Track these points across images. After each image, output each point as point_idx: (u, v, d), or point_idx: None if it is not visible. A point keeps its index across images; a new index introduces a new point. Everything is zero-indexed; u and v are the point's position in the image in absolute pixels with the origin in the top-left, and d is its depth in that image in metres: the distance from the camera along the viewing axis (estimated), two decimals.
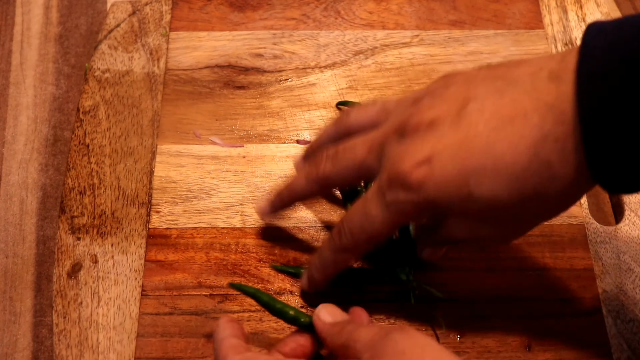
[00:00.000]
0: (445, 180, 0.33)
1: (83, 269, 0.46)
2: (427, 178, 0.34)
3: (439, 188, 0.34)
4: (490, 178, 0.33)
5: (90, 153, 0.50)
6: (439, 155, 0.34)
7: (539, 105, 0.32)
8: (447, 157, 0.33)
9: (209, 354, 0.43)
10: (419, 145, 0.35)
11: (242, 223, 0.48)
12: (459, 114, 0.34)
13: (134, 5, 0.57)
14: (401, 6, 0.59)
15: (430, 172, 0.34)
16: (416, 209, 0.35)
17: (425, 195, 0.34)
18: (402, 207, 0.36)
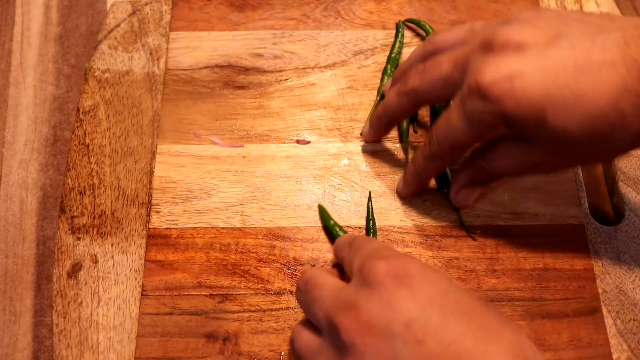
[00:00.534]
0: (524, 99, 0.35)
1: (83, 269, 0.46)
2: (507, 93, 0.36)
3: (517, 105, 0.36)
4: (567, 111, 0.35)
5: (90, 153, 0.50)
6: (523, 75, 0.35)
7: (626, 59, 0.34)
8: (530, 79, 0.35)
9: (209, 354, 0.43)
10: (503, 62, 0.36)
11: (242, 223, 0.48)
12: (548, 44, 0.36)
13: (134, 5, 0.57)
14: (401, 6, 0.58)
15: (510, 88, 0.35)
16: (493, 119, 0.37)
17: (502, 108, 0.36)
18: (479, 117, 0.38)
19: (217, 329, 0.44)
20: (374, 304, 0.32)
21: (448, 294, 0.32)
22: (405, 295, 0.31)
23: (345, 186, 0.49)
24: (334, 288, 0.35)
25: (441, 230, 0.48)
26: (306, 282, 0.37)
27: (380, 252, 0.35)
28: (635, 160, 0.50)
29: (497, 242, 0.47)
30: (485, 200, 0.49)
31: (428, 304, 0.31)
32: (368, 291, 0.32)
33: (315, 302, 0.35)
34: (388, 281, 0.32)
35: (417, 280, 0.32)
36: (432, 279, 0.32)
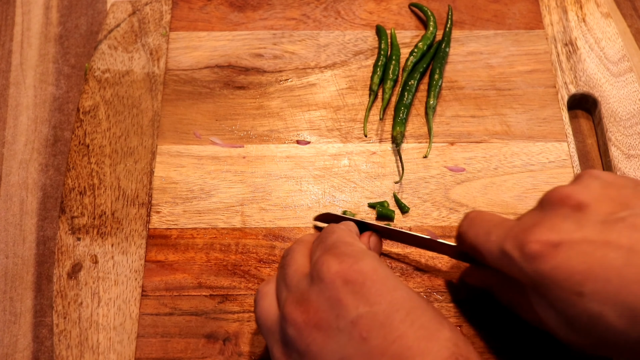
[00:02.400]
0: (564, 270, 0.32)
1: (83, 269, 0.46)
2: (546, 259, 0.33)
3: (552, 273, 0.33)
4: (607, 296, 0.31)
5: (90, 153, 0.50)
6: (571, 246, 0.32)
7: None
8: (579, 252, 0.32)
9: (209, 355, 0.43)
10: (556, 224, 0.34)
11: (242, 223, 0.48)
12: (609, 214, 0.33)
13: (134, 5, 0.57)
14: (401, 6, 0.58)
15: (552, 255, 0.33)
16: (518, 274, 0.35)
17: (533, 269, 0.33)
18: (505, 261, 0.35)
19: (217, 330, 0.44)
20: (323, 301, 0.33)
21: (395, 291, 0.33)
22: (353, 292, 0.32)
23: (345, 186, 0.49)
24: (299, 272, 0.36)
25: (441, 231, 0.48)
26: (285, 256, 0.38)
27: (336, 247, 0.35)
28: (635, 161, 0.50)
29: None
30: (485, 200, 0.49)
31: (375, 301, 0.32)
32: (319, 287, 0.33)
33: (283, 281, 0.36)
34: (338, 279, 0.33)
35: (367, 277, 0.33)
36: (381, 277, 0.33)
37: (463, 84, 0.54)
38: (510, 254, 0.34)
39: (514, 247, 0.34)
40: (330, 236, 0.38)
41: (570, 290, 0.32)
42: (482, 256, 0.38)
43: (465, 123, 0.52)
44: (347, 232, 0.39)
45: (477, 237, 0.38)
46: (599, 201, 0.34)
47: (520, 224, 0.36)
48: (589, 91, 0.54)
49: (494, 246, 0.36)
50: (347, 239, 0.37)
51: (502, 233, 0.36)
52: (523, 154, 0.51)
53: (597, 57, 0.55)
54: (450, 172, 0.50)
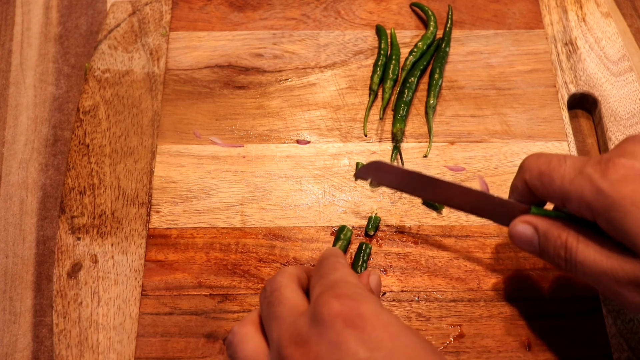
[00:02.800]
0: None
1: (83, 269, 0.46)
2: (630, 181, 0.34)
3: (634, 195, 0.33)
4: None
5: (90, 153, 0.50)
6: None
7: None
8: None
9: (209, 354, 0.43)
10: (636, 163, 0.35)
11: (242, 223, 0.48)
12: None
13: (134, 5, 0.57)
14: (401, 6, 0.59)
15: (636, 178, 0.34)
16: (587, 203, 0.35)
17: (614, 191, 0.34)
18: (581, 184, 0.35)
19: (217, 329, 0.44)
20: (323, 344, 0.32)
21: (398, 338, 0.32)
22: (354, 337, 0.31)
23: (345, 186, 0.49)
24: (294, 311, 0.35)
25: (441, 230, 0.48)
26: (272, 292, 0.36)
27: (338, 287, 0.34)
28: None
29: (497, 242, 0.47)
30: None
31: (376, 347, 0.31)
32: (319, 329, 0.32)
33: (274, 320, 0.35)
34: (338, 322, 0.32)
35: (368, 322, 0.32)
36: (384, 322, 0.32)
37: (463, 83, 0.54)
38: (592, 175, 0.35)
39: (597, 169, 0.35)
40: (332, 273, 0.36)
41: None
42: (552, 182, 0.37)
43: (465, 122, 0.52)
44: (348, 270, 0.37)
45: (549, 163, 0.38)
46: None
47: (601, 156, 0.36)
48: (589, 91, 0.54)
49: (569, 169, 0.36)
50: (350, 279, 0.36)
51: (580, 160, 0.37)
52: (523, 153, 0.51)
53: (597, 56, 0.55)
54: (451, 172, 0.50)
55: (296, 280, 0.37)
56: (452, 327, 0.44)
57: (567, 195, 0.37)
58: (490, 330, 0.44)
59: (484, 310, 0.45)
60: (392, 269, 0.46)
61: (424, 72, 0.55)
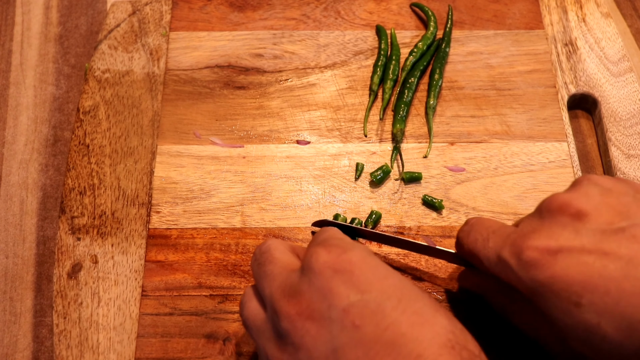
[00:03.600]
0: (562, 279, 0.32)
1: (83, 269, 0.46)
2: (543, 268, 0.33)
3: (550, 282, 0.32)
4: (606, 307, 0.31)
5: (90, 153, 0.50)
6: (569, 255, 0.32)
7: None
8: (577, 261, 0.32)
9: (209, 355, 0.43)
10: (555, 232, 0.33)
11: (242, 223, 0.48)
12: (609, 224, 0.33)
13: (134, 5, 0.57)
14: (401, 6, 0.59)
15: (550, 264, 0.32)
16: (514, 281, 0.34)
17: (530, 277, 0.33)
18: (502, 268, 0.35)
19: (217, 330, 0.44)
20: (314, 291, 0.32)
21: (386, 279, 0.33)
22: (344, 281, 0.32)
23: (345, 186, 0.49)
24: (285, 268, 0.36)
25: (441, 231, 0.48)
26: (262, 253, 0.37)
27: (327, 241, 0.35)
28: (635, 161, 0.50)
29: None
30: (485, 200, 0.49)
31: (366, 289, 0.32)
32: (309, 278, 0.33)
33: (265, 278, 0.36)
34: (327, 268, 0.33)
35: (356, 266, 0.33)
36: (371, 266, 0.33)
37: (463, 84, 0.54)
38: (508, 260, 0.34)
39: (512, 254, 0.34)
40: (322, 234, 0.38)
41: (567, 300, 0.32)
42: (480, 262, 0.38)
43: (465, 123, 0.52)
44: (339, 231, 0.38)
45: (475, 243, 0.38)
46: (598, 210, 0.34)
47: (518, 230, 0.35)
48: (589, 91, 0.54)
49: (491, 252, 0.36)
50: (338, 235, 0.37)
51: (500, 240, 0.36)
52: (523, 154, 0.51)
53: (597, 57, 0.55)
54: (450, 172, 0.50)
55: (287, 246, 0.39)
56: None
57: (495, 274, 0.37)
58: (489, 331, 0.44)
59: (484, 310, 0.44)
60: None
61: (424, 73, 0.55)
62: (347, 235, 0.40)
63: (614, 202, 0.34)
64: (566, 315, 0.32)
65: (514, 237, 0.35)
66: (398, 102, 0.52)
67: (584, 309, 0.31)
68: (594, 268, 0.31)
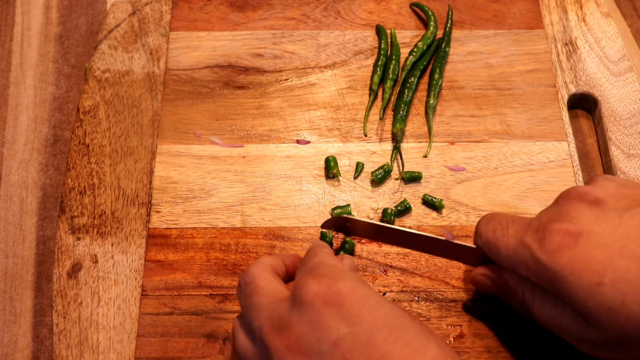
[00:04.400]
0: (584, 260, 0.33)
1: (83, 269, 0.46)
2: (565, 250, 0.33)
3: (572, 263, 0.33)
4: (629, 284, 0.32)
5: (90, 153, 0.50)
6: (591, 235, 0.33)
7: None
8: (598, 243, 0.33)
9: (209, 354, 0.43)
10: (575, 216, 0.34)
11: (242, 223, 0.48)
12: (627, 208, 0.34)
13: (134, 5, 0.57)
14: (401, 6, 0.59)
15: (572, 246, 0.33)
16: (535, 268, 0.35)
17: (553, 260, 0.34)
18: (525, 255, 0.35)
19: (217, 329, 0.44)
20: (303, 324, 0.32)
21: (377, 310, 0.32)
22: (334, 314, 0.32)
23: (345, 186, 0.49)
24: (272, 298, 0.35)
25: (441, 231, 0.48)
26: (247, 284, 0.37)
27: (316, 269, 0.35)
28: (635, 161, 0.50)
29: None
30: (485, 200, 0.49)
31: (356, 322, 0.32)
32: (299, 311, 0.33)
33: (252, 310, 0.35)
34: (317, 301, 0.32)
35: (347, 298, 0.32)
36: (361, 296, 0.33)
37: (463, 83, 0.54)
38: (530, 246, 0.35)
39: (534, 239, 0.35)
40: (312, 259, 0.37)
41: (589, 280, 0.32)
42: (498, 251, 0.38)
43: (465, 123, 0.52)
44: (329, 255, 0.38)
45: (494, 231, 0.38)
46: (615, 198, 0.35)
47: (539, 218, 0.36)
48: (589, 91, 0.54)
49: (512, 239, 0.37)
50: (328, 261, 0.37)
51: (521, 227, 0.37)
52: (523, 153, 0.51)
53: (597, 56, 0.55)
54: (451, 172, 0.50)
55: (270, 270, 0.38)
56: (452, 327, 0.44)
57: (513, 264, 0.37)
58: (490, 330, 0.44)
59: (484, 310, 0.44)
60: (392, 269, 0.46)
61: (424, 72, 0.55)
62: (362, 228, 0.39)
63: (630, 193, 0.35)
64: (589, 297, 0.32)
65: (536, 224, 0.36)
66: (398, 101, 0.52)
67: (606, 288, 0.32)
68: (614, 248, 0.32)
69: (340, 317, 0.32)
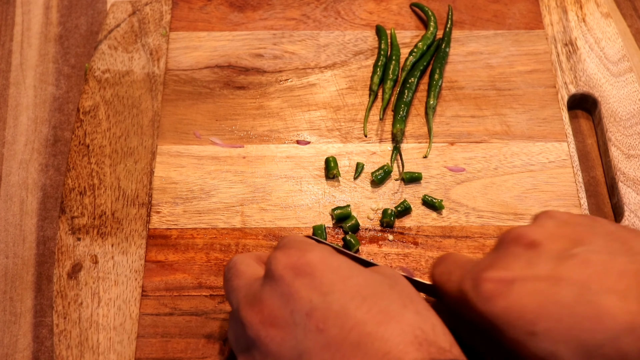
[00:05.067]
0: (516, 309, 0.32)
1: (83, 269, 0.46)
2: (498, 298, 0.33)
3: (505, 312, 0.32)
4: (560, 335, 0.31)
5: (90, 153, 0.50)
6: (523, 284, 0.32)
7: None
8: (531, 290, 0.32)
9: (209, 354, 0.43)
10: (509, 262, 0.34)
11: (242, 224, 0.48)
12: (562, 251, 0.33)
13: (134, 5, 0.57)
14: (401, 6, 0.59)
15: (505, 294, 0.32)
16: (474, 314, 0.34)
17: (487, 309, 0.33)
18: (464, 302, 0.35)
19: (217, 330, 0.44)
20: (276, 297, 0.32)
21: (349, 279, 0.32)
22: (305, 285, 0.32)
23: (345, 187, 0.49)
24: (250, 279, 0.35)
25: (441, 231, 0.48)
26: (229, 269, 0.37)
27: (288, 244, 0.35)
28: (635, 161, 0.50)
29: None
30: (485, 200, 0.49)
31: (328, 291, 0.32)
32: (270, 284, 0.33)
33: (232, 292, 0.36)
34: (287, 273, 0.32)
35: (317, 268, 0.32)
36: (333, 266, 0.33)
37: (463, 84, 0.54)
38: (467, 293, 0.34)
39: (470, 286, 0.34)
40: (283, 239, 0.37)
41: (523, 329, 0.32)
42: (444, 295, 0.38)
43: (465, 123, 0.52)
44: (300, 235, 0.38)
45: (441, 276, 0.38)
46: (551, 239, 0.34)
47: (478, 264, 0.35)
48: (589, 91, 0.54)
49: (454, 285, 0.36)
50: (299, 238, 0.37)
51: (461, 273, 0.36)
52: (523, 154, 0.51)
53: (597, 57, 0.55)
54: (450, 172, 0.50)
55: (253, 257, 0.38)
56: None
57: (456, 308, 0.36)
58: None
59: None
60: None
61: (424, 73, 0.55)
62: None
63: (569, 232, 0.34)
64: (523, 346, 0.32)
65: (474, 270, 0.35)
66: (398, 102, 0.52)
67: (539, 338, 0.31)
68: (547, 295, 0.32)
69: (311, 287, 0.32)
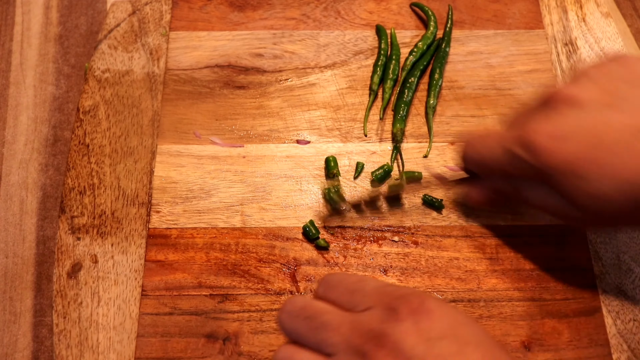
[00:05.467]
0: (571, 160, 0.37)
1: (83, 269, 0.46)
2: (555, 152, 0.37)
3: (561, 164, 0.37)
4: (611, 176, 0.36)
5: (90, 153, 0.50)
6: (575, 135, 0.37)
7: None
8: (579, 140, 0.36)
9: (209, 354, 0.43)
10: (558, 119, 0.38)
11: (242, 223, 0.48)
12: (606, 105, 0.37)
13: (134, 5, 0.57)
14: (401, 6, 0.59)
15: (560, 148, 0.37)
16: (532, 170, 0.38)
17: (544, 164, 0.37)
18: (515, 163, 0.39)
19: (217, 329, 0.44)
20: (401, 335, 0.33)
21: (463, 326, 0.34)
22: (427, 327, 0.33)
23: (345, 186, 0.49)
24: (344, 315, 0.35)
25: (441, 231, 0.48)
26: (304, 308, 0.36)
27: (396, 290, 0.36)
28: None
29: (497, 242, 0.47)
30: None
31: (448, 334, 0.33)
32: (394, 323, 0.34)
33: (327, 327, 0.35)
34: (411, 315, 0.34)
35: (436, 313, 0.34)
36: (448, 313, 0.34)
37: (463, 83, 0.54)
38: (519, 155, 0.38)
39: (522, 148, 0.38)
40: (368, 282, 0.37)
41: (573, 174, 0.37)
42: (489, 167, 0.42)
43: (465, 123, 0.52)
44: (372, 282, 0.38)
45: (481, 152, 0.42)
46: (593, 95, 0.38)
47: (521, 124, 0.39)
48: None
49: (499, 153, 0.40)
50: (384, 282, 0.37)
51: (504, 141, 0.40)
52: None
53: (597, 57, 0.55)
54: (451, 172, 0.50)
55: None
56: None
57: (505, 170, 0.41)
58: (490, 330, 0.44)
59: (484, 310, 0.45)
60: (392, 269, 0.46)
61: (424, 72, 0.55)
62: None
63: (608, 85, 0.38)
64: (574, 189, 0.37)
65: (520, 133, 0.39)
66: (398, 101, 0.52)
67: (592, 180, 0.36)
68: (595, 143, 0.36)
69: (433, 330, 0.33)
